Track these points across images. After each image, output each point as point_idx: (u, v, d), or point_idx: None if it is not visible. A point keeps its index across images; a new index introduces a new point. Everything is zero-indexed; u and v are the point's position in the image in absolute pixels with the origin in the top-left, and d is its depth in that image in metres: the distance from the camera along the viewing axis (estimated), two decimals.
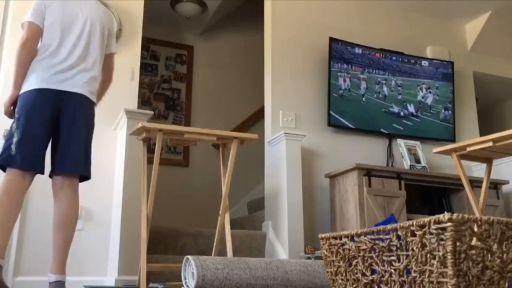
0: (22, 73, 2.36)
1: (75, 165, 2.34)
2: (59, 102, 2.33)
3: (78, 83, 2.38)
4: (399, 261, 1.15)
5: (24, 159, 2.22)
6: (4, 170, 2.26)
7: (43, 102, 2.30)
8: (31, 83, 2.33)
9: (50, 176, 2.37)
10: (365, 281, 1.24)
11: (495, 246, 1.09)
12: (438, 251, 1.05)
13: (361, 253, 1.25)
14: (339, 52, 3.99)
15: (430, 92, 4.31)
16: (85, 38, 2.47)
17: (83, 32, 2.47)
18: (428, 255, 1.08)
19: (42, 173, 2.33)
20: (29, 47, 2.37)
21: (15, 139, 2.24)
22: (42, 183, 2.47)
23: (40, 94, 2.30)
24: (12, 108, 2.39)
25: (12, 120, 2.36)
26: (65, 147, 2.32)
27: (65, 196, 2.32)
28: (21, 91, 2.34)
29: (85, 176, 2.43)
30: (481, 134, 4.27)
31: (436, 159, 4.09)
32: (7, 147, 2.25)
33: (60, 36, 2.42)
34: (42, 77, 2.33)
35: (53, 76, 2.33)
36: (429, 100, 4.29)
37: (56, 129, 2.33)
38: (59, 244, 2.28)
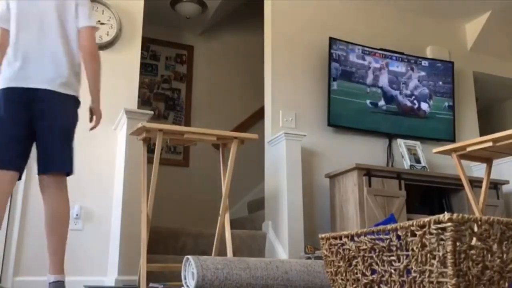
0: None
1: (52, 164, 2.29)
2: (28, 101, 2.26)
3: (44, 79, 2.30)
4: (399, 261, 1.15)
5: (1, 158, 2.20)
6: None
7: (10, 102, 2.26)
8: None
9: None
10: (365, 281, 1.24)
11: (495, 246, 1.09)
12: (438, 251, 1.05)
13: (361, 253, 1.25)
14: (339, 52, 3.99)
15: (429, 92, 4.31)
16: (43, 30, 2.36)
17: (41, 23, 2.36)
18: (428, 255, 1.08)
19: (20, 172, 2.28)
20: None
21: None
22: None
23: (7, 93, 2.26)
24: None
25: None
26: (41, 145, 2.28)
27: (51, 196, 2.28)
28: None
29: (65, 172, 2.34)
30: (481, 134, 4.27)
31: (436, 159, 4.09)
32: None
33: (17, 31, 2.34)
34: (6, 75, 2.29)
35: (17, 73, 2.28)
36: (429, 100, 4.29)
37: (33, 128, 2.28)
38: (53, 245, 2.25)
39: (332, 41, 3.98)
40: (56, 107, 2.31)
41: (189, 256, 1.93)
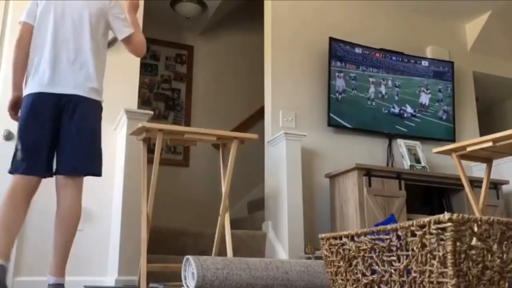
0: (16, 73, 2.34)
1: (73, 165, 2.31)
2: (58, 105, 2.29)
3: (74, 84, 2.33)
4: (399, 261, 1.15)
5: (27, 165, 2.22)
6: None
7: (41, 107, 2.27)
8: (27, 87, 2.31)
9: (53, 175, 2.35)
10: (365, 281, 1.24)
11: (495, 246, 1.09)
12: (438, 251, 1.05)
13: (361, 253, 1.25)
14: (339, 52, 4.00)
15: (430, 92, 4.31)
16: (76, 34, 2.39)
17: (74, 28, 2.39)
18: (428, 255, 1.08)
19: (51, 176, 2.31)
20: (21, 47, 2.34)
21: (19, 146, 2.24)
22: (43, 182, 2.47)
23: (37, 98, 2.27)
24: (13, 111, 2.38)
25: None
26: (64, 147, 2.30)
27: (66, 197, 2.30)
28: (23, 95, 2.32)
29: (92, 173, 2.39)
30: (481, 134, 4.27)
31: (436, 159, 4.09)
32: (14, 153, 2.26)
33: (51, 35, 2.35)
34: (36, 80, 2.30)
35: (48, 78, 2.29)
36: (429, 100, 4.29)
37: (58, 131, 2.31)
38: (58, 245, 2.26)
39: (332, 41, 3.98)
40: (83, 111, 2.34)
41: (189, 256, 1.93)
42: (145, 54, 4.95)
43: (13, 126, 2.93)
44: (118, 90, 3.28)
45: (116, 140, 3.21)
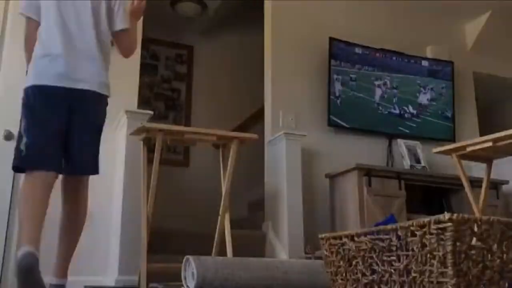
0: None
1: (86, 166, 2.21)
2: (69, 101, 2.15)
3: (86, 78, 2.19)
4: (399, 261, 1.15)
5: (44, 161, 2.08)
6: (23, 171, 2.13)
7: (54, 102, 2.13)
8: (29, 78, 2.16)
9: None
10: (365, 281, 1.24)
11: (495, 246, 1.09)
12: (438, 251, 1.05)
13: (361, 253, 1.25)
14: (339, 52, 3.99)
15: (429, 92, 4.31)
16: (82, 27, 2.24)
17: (79, 22, 2.24)
18: (428, 255, 1.08)
19: (61, 172, 2.18)
20: (31, 49, 2.23)
21: (24, 140, 2.10)
22: None
23: (41, 91, 2.13)
24: None
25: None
26: (75, 146, 2.17)
27: (76, 199, 2.22)
28: (28, 84, 2.16)
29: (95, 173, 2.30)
30: (481, 134, 4.27)
31: (436, 159, 4.09)
32: (17, 148, 2.13)
33: (57, 27, 2.21)
34: (41, 72, 2.15)
35: (60, 71, 2.15)
36: (428, 100, 4.29)
37: (67, 128, 2.16)
38: (66, 248, 2.21)
39: (332, 41, 3.98)
40: (95, 108, 2.25)
41: (189, 256, 1.93)
42: (145, 54, 5.01)
43: (13, 126, 2.94)
44: (118, 90, 3.25)
45: (116, 140, 3.21)
